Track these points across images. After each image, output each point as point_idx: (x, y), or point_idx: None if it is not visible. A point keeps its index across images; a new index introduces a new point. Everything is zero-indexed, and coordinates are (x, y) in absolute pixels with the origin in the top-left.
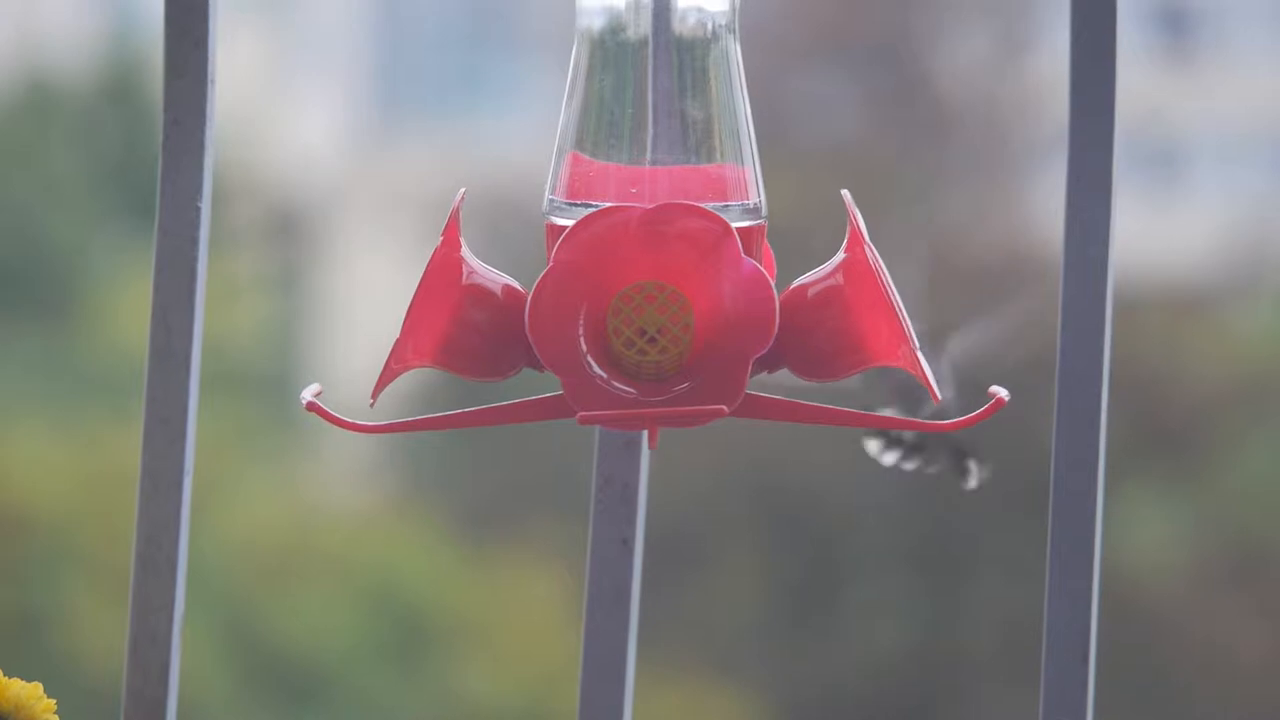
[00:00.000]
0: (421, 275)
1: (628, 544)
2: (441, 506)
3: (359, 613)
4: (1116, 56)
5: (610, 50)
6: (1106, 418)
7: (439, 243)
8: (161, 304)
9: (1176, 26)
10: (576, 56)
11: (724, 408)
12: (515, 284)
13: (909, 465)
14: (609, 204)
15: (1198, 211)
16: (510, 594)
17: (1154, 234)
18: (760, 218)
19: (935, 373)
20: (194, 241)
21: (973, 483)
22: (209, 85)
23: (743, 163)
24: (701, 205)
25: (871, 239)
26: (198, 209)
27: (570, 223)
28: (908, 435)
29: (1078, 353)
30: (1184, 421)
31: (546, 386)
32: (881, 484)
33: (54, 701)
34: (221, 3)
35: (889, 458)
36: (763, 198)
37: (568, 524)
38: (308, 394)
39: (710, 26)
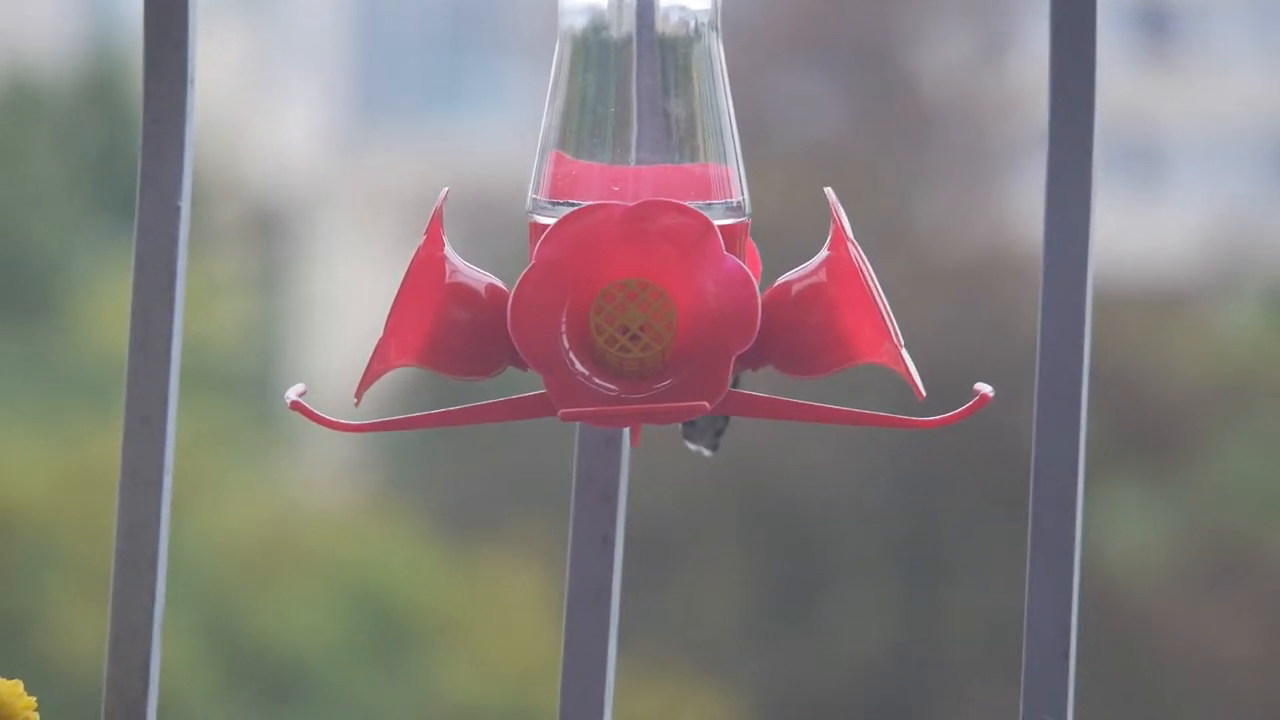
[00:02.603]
0: (405, 274)
1: (608, 541)
2: (422, 505)
3: (340, 610)
4: (1096, 56)
5: (593, 49)
6: (1087, 417)
7: (422, 241)
8: (141, 302)
9: (1158, 27)
10: (559, 56)
11: (706, 403)
12: (498, 282)
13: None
14: (591, 202)
15: (1179, 210)
16: (491, 592)
17: (1135, 232)
18: (744, 215)
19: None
20: (174, 240)
21: (708, 452)
22: (189, 85)
23: (726, 161)
24: (683, 203)
25: (854, 237)
26: (177, 208)
27: (553, 221)
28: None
29: (1058, 352)
30: (1166, 420)
31: (529, 386)
32: (864, 484)
33: (34, 699)
34: (202, 4)
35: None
36: (746, 195)
37: (548, 522)
38: (292, 393)
39: (693, 24)
